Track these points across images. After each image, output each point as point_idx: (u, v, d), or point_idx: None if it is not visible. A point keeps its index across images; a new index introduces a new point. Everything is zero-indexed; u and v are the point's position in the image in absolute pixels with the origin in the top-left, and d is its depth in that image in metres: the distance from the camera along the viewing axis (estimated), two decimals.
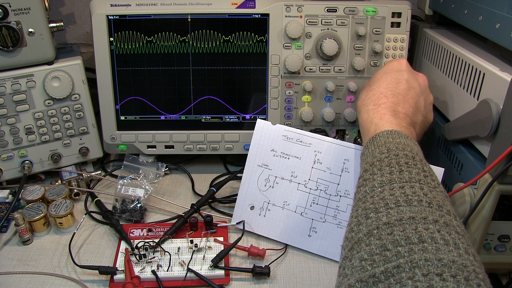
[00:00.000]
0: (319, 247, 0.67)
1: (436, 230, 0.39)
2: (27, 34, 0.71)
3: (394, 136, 0.52)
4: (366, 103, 0.61)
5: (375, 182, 0.46)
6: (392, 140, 0.51)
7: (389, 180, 0.46)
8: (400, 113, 0.58)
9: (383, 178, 0.46)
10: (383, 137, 0.52)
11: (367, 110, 0.60)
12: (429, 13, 0.84)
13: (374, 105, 0.59)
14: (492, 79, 0.58)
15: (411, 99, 0.60)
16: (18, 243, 0.69)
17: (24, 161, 0.78)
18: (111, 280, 0.62)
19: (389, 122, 0.55)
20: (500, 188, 0.53)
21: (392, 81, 0.62)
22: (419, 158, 0.49)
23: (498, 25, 0.57)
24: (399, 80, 0.62)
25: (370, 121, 0.57)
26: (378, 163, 0.49)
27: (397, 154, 0.49)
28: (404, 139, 0.52)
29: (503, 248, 0.57)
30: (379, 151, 0.50)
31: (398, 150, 0.49)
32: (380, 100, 0.59)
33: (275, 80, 0.79)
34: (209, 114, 0.82)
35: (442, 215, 0.41)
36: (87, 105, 0.80)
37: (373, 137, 0.54)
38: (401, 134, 0.53)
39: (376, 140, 0.53)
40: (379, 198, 0.44)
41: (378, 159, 0.49)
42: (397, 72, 0.64)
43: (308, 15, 0.76)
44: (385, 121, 0.56)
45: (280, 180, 0.69)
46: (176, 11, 0.76)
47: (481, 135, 0.57)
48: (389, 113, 0.57)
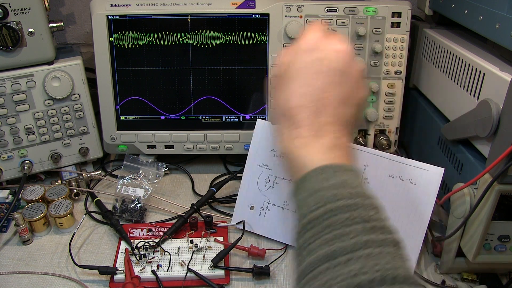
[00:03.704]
0: None
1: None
2: (27, 34, 0.71)
3: (326, 177, 0.42)
4: (277, 118, 0.48)
5: (313, 257, 0.38)
6: (324, 185, 0.41)
7: (330, 255, 0.37)
8: (327, 126, 0.45)
9: (321, 252, 0.37)
10: (313, 181, 0.42)
11: (282, 135, 0.47)
12: (429, 13, 0.84)
13: (290, 125, 0.46)
14: (492, 79, 0.58)
15: (335, 98, 0.47)
16: (18, 243, 0.69)
17: (24, 161, 0.78)
18: (111, 280, 0.62)
19: (315, 153, 0.44)
20: (500, 188, 0.53)
21: (307, 77, 0.47)
22: (361, 201, 0.40)
23: (498, 25, 0.57)
24: (316, 70, 0.47)
25: (291, 153, 0.45)
26: (311, 225, 0.39)
27: (333, 208, 0.39)
28: (338, 175, 0.42)
29: (503, 248, 0.57)
30: (313, 203, 0.40)
31: (333, 202, 0.40)
32: (297, 116, 0.46)
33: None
34: (209, 114, 0.82)
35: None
36: (87, 105, 0.80)
37: (300, 180, 0.43)
38: (332, 169, 0.42)
39: (305, 185, 0.42)
40: (321, 283, 0.36)
41: (310, 219, 0.40)
42: (315, 60, 0.48)
43: (308, 15, 0.76)
44: (310, 151, 0.44)
45: (280, 180, 0.69)
46: (176, 11, 0.76)
47: (481, 135, 0.57)
48: (312, 134, 0.45)
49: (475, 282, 0.62)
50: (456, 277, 0.63)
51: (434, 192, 0.63)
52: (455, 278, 0.63)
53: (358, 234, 0.38)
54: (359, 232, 0.38)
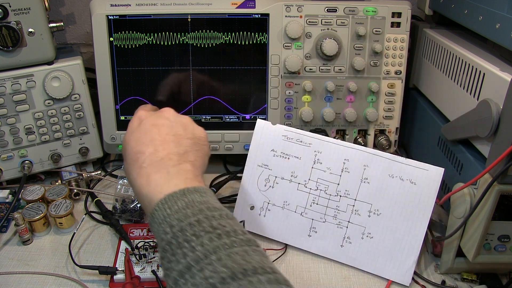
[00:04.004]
0: (319, 247, 0.67)
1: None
2: (27, 34, 0.71)
3: (170, 205, 0.47)
4: (128, 172, 0.55)
5: (175, 273, 0.42)
6: (170, 211, 0.46)
7: (186, 267, 0.42)
8: (164, 159, 0.53)
9: (180, 267, 0.42)
10: (160, 211, 0.47)
11: (133, 181, 0.53)
12: (429, 13, 0.84)
13: (136, 169, 0.53)
14: (492, 79, 0.58)
15: (167, 135, 0.56)
16: (18, 243, 0.69)
17: (24, 161, 0.78)
18: (111, 280, 0.62)
19: (158, 185, 0.50)
20: (500, 188, 0.53)
21: (140, 135, 0.56)
22: (204, 215, 0.46)
23: (498, 25, 0.57)
24: (145, 129, 0.57)
25: (140, 194, 0.51)
26: (168, 247, 0.44)
27: (181, 228, 0.44)
28: (180, 199, 0.47)
29: (503, 248, 0.57)
30: (163, 231, 0.46)
31: (180, 222, 0.45)
32: (139, 160, 0.53)
33: (275, 80, 0.80)
34: (209, 114, 0.82)
35: (249, 282, 0.39)
36: (87, 105, 0.80)
37: (151, 214, 0.48)
38: (176, 195, 0.48)
39: (155, 217, 0.47)
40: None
41: (166, 241, 0.45)
42: (139, 125, 0.58)
43: (308, 15, 0.76)
44: (153, 186, 0.50)
45: (280, 180, 0.69)
46: (176, 11, 0.76)
47: (481, 135, 0.57)
48: (153, 170, 0.51)
49: (475, 282, 0.62)
50: (456, 277, 0.63)
51: (434, 192, 0.63)
52: (455, 278, 0.63)
53: (206, 244, 0.43)
54: (206, 242, 0.43)
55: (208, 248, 0.42)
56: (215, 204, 0.49)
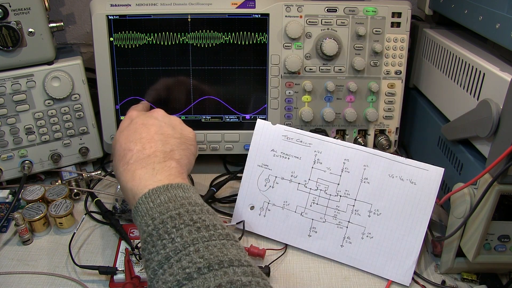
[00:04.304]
0: (319, 247, 0.67)
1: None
2: (27, 34, 0.71)
3: (153, 198, 0.49)
4: (116, 167, 0.57)
5: (154, 263, 0.44)
6: (152, 205, 0.48)
7: (165, 257, 0.43)
8: (150, 156, 0.55)
9: (159, 257, 0.43)
10: (143, 204, 0.49)
11: (119, 175, 0.55)
12: (429, 13, 0.84)
13: (123, 165, 0.55)
14: (492, 79, 0.58)
15: (155, 134, 0.58)
16: (18, 243, 0.69)
17: (24, 161, 0.78)
18: (111, 280, 0.62)
19: (143, 180, 0.52)
20: (500, 188, 0.53)
21: (129, 133, 0.59)
22: (185, 209, 0.47)
23: (498, 25, 0.57)
24: (135, 128, 0.59)
25: (125, 188, 0.54)
26: (149, 238, 0.46)
27: (162, 220, 0.46)
28: (163, 194, 0.49)
29: (503, 248, 0.57)
30: (145, 223, 0.47)
31: (161, 215, 0.46)
32: (126, 156, 0.56)
33: (275, 80, 0.80)
34: (209, 114, 0.82)
35: (224, 273, 0.41)
36: (87, 105, 0.80)
37: (135, 207, 0.50)
38: (159, 190, 0.50)
39: (138, 210, 0.49)
40: (162, 283, 0.42)
41: (147, 233, 0.46)
42: (130, 124, 0.61)
43: (308, 15, 0.76)
44: (138, 180, 0.52)
45: (280, 180, 0.69)
46: (176, 11, 0.76)
47: (481, 135, 0.57)
48: (139, 166, 0.54)
49: (475, 282, 0.62)
50: (456, 277, 0.63)
51: (434, 192, 0.63)
52: (455, 278, 0.63)
53: (186, 236, 0.44)
54: (186, 234, 0.44)
55: (187, 240, 0.44)
56: (196, 200, 0.50)
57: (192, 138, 0.63)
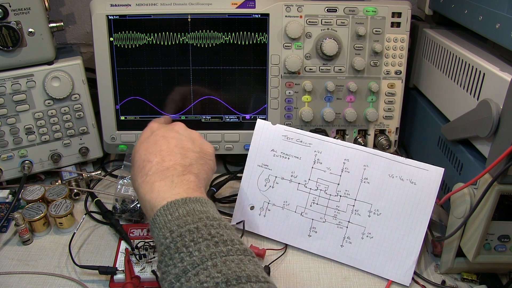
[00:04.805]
0: (319, 247, 0.67)
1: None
2: (27, 34, 0.71)
3: (171, 211, 0.49)
4: (134, 179, 0.57)
5: (171, 276, 0.44)
6: (171, 217, 0.48)
7: (182, 271, 0.43)
8: (170, 168, 0.55)
9: (176, 270, 0.44)
10: (161, 216, 0.49)
11: (137, 186, 0.55)
12: (429, 13, 0.84)
13: (142, 176, 0.55)
14: (492, 79, 0.58)
15: (175, 147, 0.58)
16: (18, 243, 0.69)
17: (24, 161, 0.78)
18: (111, 280, 0.62)
19: (161, 192, 0.52)
20: (500, 188, 0.53)
21: (149, 145, 0.59)
22: (203, 223, 0.47)
23: (498, 25, 0.57)
24: (156, 140, 0.60)
25: (143, 199, 0.54)
26: (167, 251, 0.46)
27: (180, 233, 0.46)
28: (182, 207, 0.49)
29: (503, 248, 0.57)
30: (163, 236, 0.47)
31: (180, 228, 0.47)
32: (146, 167, 0.56)
33: (275, 80, 0.80)
34: (209, 114, 0.82)
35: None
36: (87, 105, 0.80)
37: (152, 219, 0.50)
38: (177, 203, 0.50)
39: (156, 222, 0.50)
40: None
41: (165, 246, 0.46)
42: (150, 135, 0.61)
43: (308, 15, 0.76)
44: (156, 192, 0.52)
45: (280, 180, 0.69)
46: (176, 11, 0.76)
47: (481, 135, 0.57)
48: (158, 178, 0.54)
49: (475, 282, 0.62)
50: (456, 277, 0.63)
51: (434, 192, 0.63)
52: (455, 278, 0.63)
53: (203, 250, 0.44)
54: (204, 249, 0.44)
55: (205, 254, 0.44)
56: (214, 214, 0.50)
57: (211, 153, 0.63)
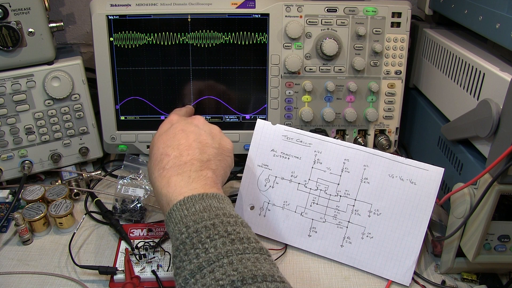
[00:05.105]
0: (319, 247, 0.67)
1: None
2: (27, 34, 0.71)
3: (188, 206, 0.49)
4: (151, 172, 0.57)
5: (186, 272, 0.44)
6: (187, 212, 0.48)
7: (198, 267, 0.43)
8: (187, 163, 0.55)
9: (191, 266, 0.43)
10: (178, 211, 0.49)
11: (154, 180, 0.56)
12: (429, 13, 0.84)
13: (159, 169, 0.55)
14: (492, 79, 0.58)
15: (193, 142, 0.58)
16: (18, 243, 0.69)
17: (24, 161, 0.78)
18: (111, 280, 0.62)
19: (178, 187, 0.52)
20: (500, 188, 0.53)
21: (168, 138, 0.59)
22: (220, 220, 0.47)
23: (498, 25, 0.57)
24: (174, 133, 0.59)
25: (159, 193, 0.54)
26: (182, 246, 0.46)
27: (197, 229, 0.46)
28: (198, 202, 0.49)
29: (503, 248, 0.57)
30: (179, 231, 0.47)
31: (196, 224, 0.47)
32: (163, 161, 0.56)
33: (275, 80, 0.80)
34: (209, 114, 0.82)
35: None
36: (87, 105, 0.80)
37: (168, 213, 0.50)
38: (194, 198, 0.50)
39: (172, 216, 0.49)
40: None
41: (180, 241, 0.46)
42: (169, 128, 0.61)
43: (308, 15, 0.76)
44: (173, 187, 0.52)
45: (280, 180, 0.69)
46: (176, 11, 0.76)
47: (481, 135, 0.57)
48: (175, 173, 0.54)
49: (475, 282, 0.62)
50: (456, 277, 0.63)
51: (434, 192, 0.63)
52: (455, 278, 0.63)
53: (219, 247, 0.44)
54: (220, 246, 0.44)
55: (221, 251, 0.43)
56: (231, 211, 0.50)
57: (230, 150, 0.62)
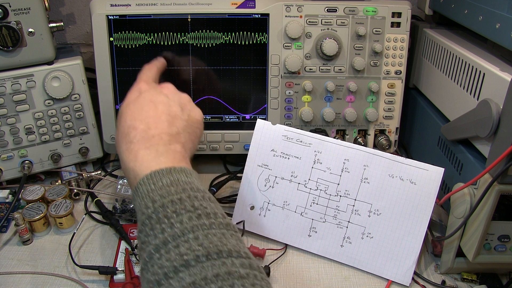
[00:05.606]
0: (319, 247, 0.67)
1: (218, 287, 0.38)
2: (27, 34, 0.71)
3: (155, 181, 0.48)
4: (118, 144, 0.55)
5: (151, 246, 0.43)
6: (154, 187, 0.47)
7: (163, 242, 0.42)
8: (155, 137, 0.53)
9: (157, 241, 0.42)
10: (145, 185, 0.48)
11: (121, 153, 0.54)
12: (429, 13, 0.84)
13: (126, 143, 0.54)
14: (492, 79, 0.58)
15: (162, 114, 0.56)
16: (18, 243, 0.69)
17: (24, 161, 0.78)
18: (111, 280, 0.62)
19: (146, 161, 0.51)
20: (500, 188, 0.53)
21: (136, 109, 0.57)
22: (187, 194, 0.46)
23: (498, 25, 0.57)
24: (142, 105, 0.57)
25: (127, 168, 0.52)
26: (148, 221, 0.45)
27: (163, 204, 0.45)
28: (166, 177, 0.48)
29: (503, 248, 0.57)
30: (145, 205, 0.46)
31: (163, 198, 0.46)
32: (130, 134, 0.54)
33: (275, 80, 0.80)
34: (209, 114, 0.82)
35: (223, 263, 0.40)
36: (87, 105, 0.80)
37: (135, 188, 0.49)
38: (162, 172, 0.49)
39: (139, 191, 0.48)
40: (158, 267, 0.41)
41: (147, 216, 0.45)
42: (138, 97, 0.59)
43: (308, 15, 0.76)
44: (140, 161, 0.51)
45: (280, 180, 0.69)
46: (176, 11, 0.76)
47: (481, 135, 0.57)
48: (143, 146, 0.52)
49: (475, 282, 0.62)
50: (456, 277, 0.63)
51: (434, 192, 0.63)
52: (455, 278, 0.63)
53: (186, 222, 0.43)
54: (186, 221, 0.43)
55: (187, 226, 0.43)
56: (199, 186, 0.49)
57: (200, 121, 0.61)
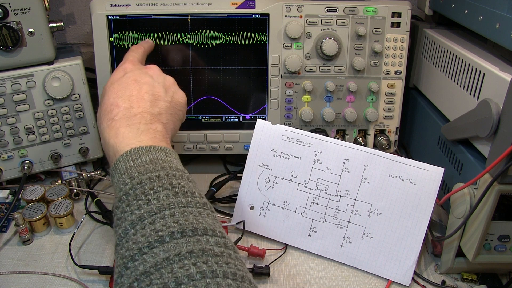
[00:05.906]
0: (319, 247, 0.67)
1: (192, 264, 0.38)
2: (27, 34, 0.71)
3: (134, 158, 0.48)
4: (100, 121, 0.56)
5: (127, 222, 0.43)
6: (133, 164, 0.48)
7: (139, 218, 0.42)
8: (137, 115, 0.54)
9: (133, 217, 0.43)
10: (123, 162, 0.48)
11: (102, 130, 0.54)
12: (429, 13, 0.84)
13: (108, 120, 0.54)
14: (492, 79, 0.58)
15: (145, 94, 0.57)
16: (18, 243, 0.69)
17: (24, 161, 0.78)
18: (111, 280, 0.62)
19: (126, 138, 0.51)
20: (500, 188, 0.53)
21: (120, 88, 0.57)
22: (165, 172, 0.46)
23: (498, 25, 0.57)
24: (127, 84, 0.58)
25: (107, 144, 0.53)
26: (125, 197, 0.45)
27: (141, 180, 0.45)
28: (145, 154, 0.49)
29: (503, 248, 0.57)
30: (123, 182, 0.46)
31: (141, 175, 0.46)
32: (113, 111, 0.55)
33: (275, 80, 0.80)
34: (209, 114, 0.82)
35: (197, 241, 0.40)
36: (87, 105, 0.80)
37: (114, 164, 0.50)
38: (141, 150, 0.49)
39: (117, 167, 0.49)
40: (133, 243, 0.41)
41: (124, 192, 0.45)
42: (122, 77, 0.59)
43: (308, 15, 0.76)
44: (121, 138, 0.51)
45: (280, 180, 0.69)
46: (176, 11, 0.76)
47: (481, 135, 0.57)
48: (124, 124, 0.53)
49: (475, 282, 0.62)
50: (456, 277, 0.63)
51: (434, 192, 0.63)
52: (455, 278, 0.63)
53: (162, 199, 0.43)
54: (163, 198, 0.44)
55: (163, 203, 0.43)
56: (178, 165, 0.49)
57: (183, 104, 0.62)
